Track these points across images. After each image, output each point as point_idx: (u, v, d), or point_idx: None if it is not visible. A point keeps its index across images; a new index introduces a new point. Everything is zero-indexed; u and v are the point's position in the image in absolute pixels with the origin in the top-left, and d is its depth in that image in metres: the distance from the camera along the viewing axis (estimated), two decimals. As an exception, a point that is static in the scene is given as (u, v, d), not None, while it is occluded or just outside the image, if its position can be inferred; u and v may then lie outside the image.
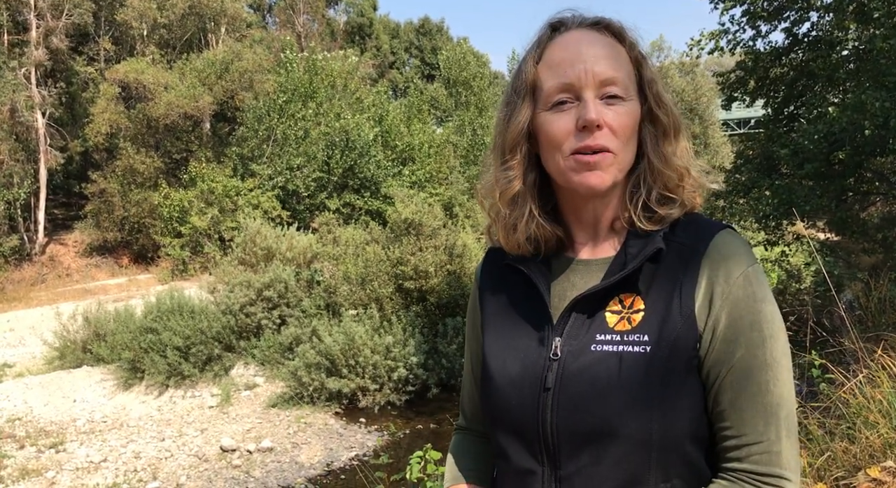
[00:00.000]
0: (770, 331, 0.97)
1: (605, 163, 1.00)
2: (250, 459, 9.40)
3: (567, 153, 1.01)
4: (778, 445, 0.95)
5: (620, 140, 1.00)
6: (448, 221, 13.97)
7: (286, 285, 12.64)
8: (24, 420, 10.68)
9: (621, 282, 1.02)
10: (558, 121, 1.01)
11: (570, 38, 1.03)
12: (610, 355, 0.98)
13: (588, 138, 0.99)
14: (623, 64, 1.02)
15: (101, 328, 12.93)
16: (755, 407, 0.95)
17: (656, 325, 0.98)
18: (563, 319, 1.05)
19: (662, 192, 1.05)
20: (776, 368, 0.96)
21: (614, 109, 1.00)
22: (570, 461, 0.99)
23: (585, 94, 0.99)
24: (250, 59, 25.32)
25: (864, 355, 3.50)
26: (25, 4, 23.90)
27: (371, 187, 23.48)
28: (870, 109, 7.92)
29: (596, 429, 0.96)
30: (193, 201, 22.12)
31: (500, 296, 1.17)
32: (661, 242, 1.01)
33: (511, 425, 1.06)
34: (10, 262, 22.62)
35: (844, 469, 2.87)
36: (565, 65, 1.00)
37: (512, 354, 1.08)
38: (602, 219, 1.09)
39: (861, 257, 10.89)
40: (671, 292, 0.99)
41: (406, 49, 50.58)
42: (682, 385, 0.96)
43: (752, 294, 0.97)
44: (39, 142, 24.00)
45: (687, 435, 0.97)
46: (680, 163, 1.05)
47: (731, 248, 1.00)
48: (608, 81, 0.99)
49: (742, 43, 11.44)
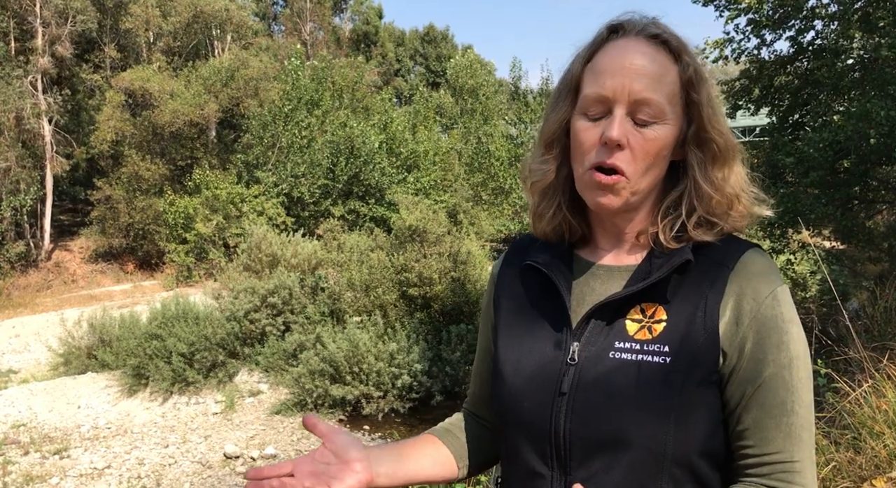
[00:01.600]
0: (796, 352, 0.97)
1: (620, 185, 1.00)
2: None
3: (587, 166, 1.01)
4: (800, 465, 0.95)
5: (639, 164, 0.99)
6: (452, 228, 13.96)
7: (290, 292, 12.64)
8: (29, 426, 10.69)
9: (645, 291, 1.01)
10: (588, 130, 1.01)
11: (620, 47, 1.00)
12: (628, 364, 0.98)
13: (606, 155, 0.99)
14: (667, 85, 0.99)
15: (105, 334, 12.94)
16: (779, 427, 0.95)
17: (678, 337, 0.97)
18: (582, 324, 1.04)
19: (706, 216, 1.03)
20: (801, 389, 0.96)
21: (643, 132, 0.98)
22: (581, 467, 0.99)
23: (616, 110, 0.98)
24: (256, 66, 25.41)
25: (869, 365, 3.49)
26: (31, 12, 24.04)
27: (376, 194, 23.51)
28: (875, 118, 7.92)
29: (609, 438, 0.96)
30: (198, 208, 22.16)
31: (518, 295, 1.16)
32: (689, 254, 1.00)
33: (522, 427, 1.05)
34: (16, 268, 22.69)
35: (850, 479, 2.85)
36: (606, 75, 0.99)
37: (527, 355, 1.08)
38: (625, 232, 1.09)
39: (867, 266, 10.86)
40: (696, 305, 0.98)
41: (411, 56, 50.73)
42: (699, 399, 0.96)
43: (781, 314, 0.97)
44: (46, 148, 24.11)
45: (700, 449, 0.97)
46: (730, 191, 1.03)
47: (760, 267, 1.00)
48: (642, 102, 0.98)
49: (747, 51, 11.46)
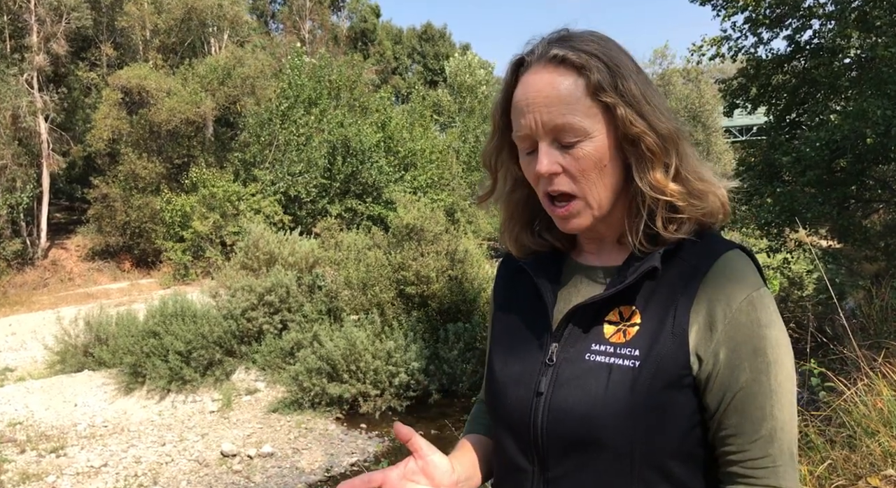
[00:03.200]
0: (774, 356, 0.96)
1: (575, 210, 1.02)
2: (251, 464, 9.39)
3: (542, 194, 1.05)
4: (782, 469, 0.96)
5: (583, 182, 1.00)
6: (450, 227, 13.97)
7: (288, 290, 12.63)
8: (25, 424, 10.67)
9: (621, 294, 1.03)
10: (528, 165, 1.05)
11: (524, 83, 1.02)
12: (601, 366, 0.99)
13: (548, 183, 1.01)
14: (577, 101, 0.98)
15: (102, 332, 12.92)
16: (758, 432, 0.96)
17: (647, 341, 0.98)
18: (561, 326, 1.06)
19: (668, 215, 1.02)
20: (780, 393, 0.96)
21: (572, 153, 0.99)
22: (558, 464, 1.01)
23: (540, 144, 1.00)
24: (252, 64, 25.36)
25: (865, 363, 3.49)
26: (26, 9, 23.97)
27: (373, 193, 23.52)
28: (871, 117, 7.93)
29: (581, 438, 0.98)
30: (195, 206, 22.14)
31: (511, 296, 1.21)
32: (657, 260, 1.00)
33: (507, 423, 1.09)
34: (12, 266, 22.64)
35: (845, 477, 2.86)
36: (520, 114, 1.01)
37: (514, 355, 1.12)
38: (605, 235, 1.10)
39: (863, 265, 10.89)
40: (666, 310, 0.99)
41: (409, 55, 50.68)
42: (668, 402, 0.96)
43: (757, 319, 0.96)
44: (42, 146, 24.05)
45: (672, 452, 0.97)
46: (682, 180, 1.01)
47: (735, 270, 0.99)
48: (557, 129, 0.98)
49: (744, 50, 11.46)
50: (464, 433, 1.30)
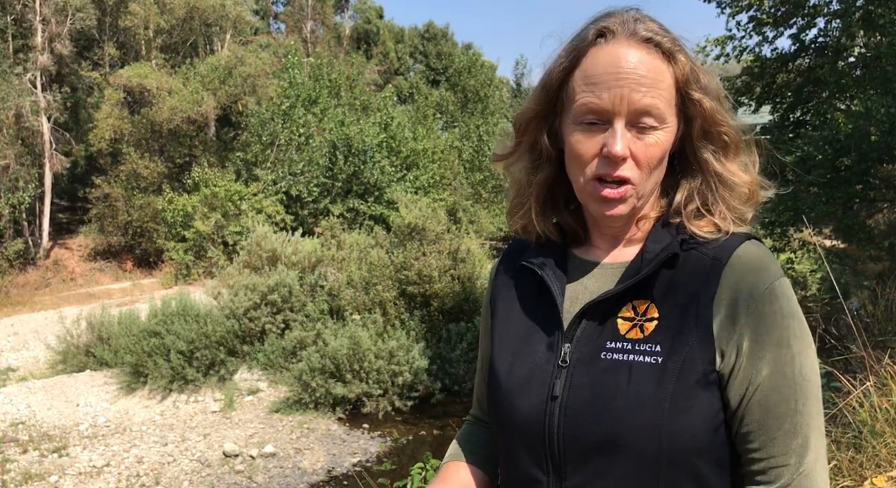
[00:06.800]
0: (799, 348, 0.93)
1: (627, 194, 0.98)
2: (253, 464, 9.39)
3: (589, 176, 0.99)
4: (808, 467, 0.92)
5: (644, 171, 0.97)
6: (452, 226, 13.96)
7: (290, 289, 12.63)
8: (27, 424, 10.67)
9: (635, 288, 0.99)
10: (586, 141, 0.98)
11: (613, 53, 0.96)
12: (620, 364, 0.95)
13: (610, 168, 0.96)
14: (665, 89, 0.96)
15: (104, 332, 12.93)
16: (784, 427, 0.91)
17: (670, 336, 0.94)
18: (573, 325, 1.02)
19: (724, 209, 1.02)
20: (805, 386, 0.92)
21: (644, 139, 0.96)
22: (577, 472, 0.96)
23: (616, 123, 0.95)
24: (253, 63, 25.36)
25: (871, 363, 3.47)
26: (30, 9, 24.00)
27: (375, 192, 23.52)
28: (876, 116, 7.91)
29: (603, 440, 0.93)
30: (197, 206, 22.13)
31: (513, 296, 1.14)
32: (676, 247, 0.98)
33: (516, 431, 1.03)
34: (14, 266, 22.65)
35: (851, 478, 2.84)
36: (602, 86, 0.95)
37: (520, 359, 1.06)
38: (622, 231, 1.07)
39: (868, 264, 10.84)
40: (688, 303, 0.95)
41: (411, 54, 50.66)
42: (694, 399, 0.92)
43: (780, 309, 0.93)
44: (45, 146, 24.05)
45: (699, 452, 0.93)
46: (749, 178, 1.02)
47: (755, 260, 0.96)
48: (643, 111, 0.95)
49: (748, 49, 11.44)
50: (448, 457, 1.23)
